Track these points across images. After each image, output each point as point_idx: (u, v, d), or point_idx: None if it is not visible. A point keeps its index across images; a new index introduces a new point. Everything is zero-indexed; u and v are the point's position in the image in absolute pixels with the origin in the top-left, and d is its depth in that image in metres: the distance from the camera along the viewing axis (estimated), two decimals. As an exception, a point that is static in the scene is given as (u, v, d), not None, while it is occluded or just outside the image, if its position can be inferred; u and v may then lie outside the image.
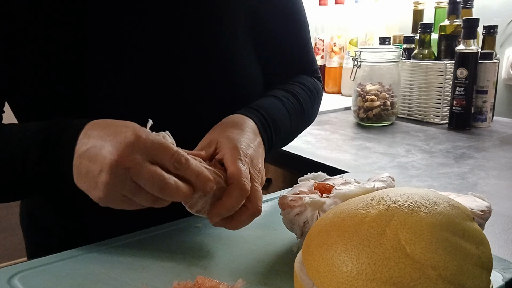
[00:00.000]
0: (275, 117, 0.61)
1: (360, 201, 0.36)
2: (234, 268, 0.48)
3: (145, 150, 0.43)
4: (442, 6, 1.29)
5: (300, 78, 0.73)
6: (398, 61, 1.25)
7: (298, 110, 0.68)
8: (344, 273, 0.31)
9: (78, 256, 0.51)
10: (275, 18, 0.68)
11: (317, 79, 0.77)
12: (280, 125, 0.62)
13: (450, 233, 0.32)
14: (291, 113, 0.66)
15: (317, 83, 0.76)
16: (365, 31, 1.68)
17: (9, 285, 0.45)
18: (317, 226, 0.37)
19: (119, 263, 0.50)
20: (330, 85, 1.75)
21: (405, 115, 1.33)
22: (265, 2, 0.66)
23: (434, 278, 0.30)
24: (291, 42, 0.71)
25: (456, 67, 1.14)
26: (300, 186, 0.52)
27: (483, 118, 1.19)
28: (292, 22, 0.71)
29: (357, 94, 1.26)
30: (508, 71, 1.32)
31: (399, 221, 0.32)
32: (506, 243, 0.57)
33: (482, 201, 0.46)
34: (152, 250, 0.52)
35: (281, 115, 0.63)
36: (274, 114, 0.62)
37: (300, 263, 0.37)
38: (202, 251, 0.52)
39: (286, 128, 0.65)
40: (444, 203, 0.34)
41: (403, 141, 1.07)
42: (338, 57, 1.71)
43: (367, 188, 0.46)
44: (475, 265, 0.32)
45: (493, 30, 1.18)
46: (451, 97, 1.17)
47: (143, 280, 0.46)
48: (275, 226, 0.58)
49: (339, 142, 1.08)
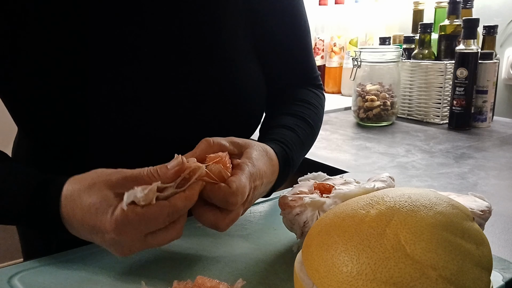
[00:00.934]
0: (294, 158, 0.60)
1: (360, 201, 0.36)
2: (234, 268, 0.48)
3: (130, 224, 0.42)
4: (442, 6, 1.29)
5: (304, 95, 0.71)
6: (398, 61, 1.25)
7: (309, 134, 0.67)
8: (344, 273, 0.31)
9: (78, 256, 0.51)
10: (276, 20, 0.68)
11: (318, 87, 0.76)
12: (295, 164, 0.62)
13: (450, 233, 0.32)
14: (305, 144, 0.65)
15: (320, 97, 0.74)
16: (365, 31, 1.68)
17: (9, 285, 0.45)
18: (317, 226, 0.37)
19: (119, 263, 0.50)
20: (330, 85, 1.75)
21: (405, 115, 1.33)
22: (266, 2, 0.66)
23: (434, 278, 0.30)
24: (293, 45, 0.71)
25: (456, 67, 1.14)
26: (300, 186, 0.52)
27: (483, 118, 1.19)
28: (293, 25, 0.70)
29: (357, 94, 1.26)
30: (508, 71, 1.32)
31: (399, 221, 0.32)
32: (506, 243, 0.57)
33: (482, 201, 0.46)
34: (152, 250, 0.52)
35: (299, 153, 0.63)
36: (294, 154, 0.60)
37: (300, 263, 0.37)
38: (202, 251, 0.52)
39: (299, 160, 0.64)
40: (444, 203, 0.34)
41: (403, 141, 1.07)
42: (338, 57, 1.71)
43: (367, 188, 0.46)
44: (475, 265, 0.32)
45: (493, 30, 1.18)
46: (451, 97, 1.17)
47: (143, 280, 0.46)
48: (275, 226, 0.58)
49: (339, 142, 1.08)
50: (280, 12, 0.68)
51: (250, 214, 0.62)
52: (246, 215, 0.62)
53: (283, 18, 0.68)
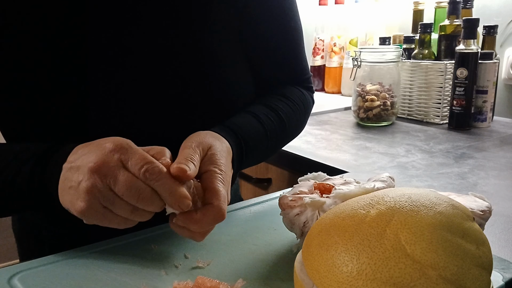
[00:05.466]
0: (249, 139, 0.60)
1: (360, 201, 0.36)
2: (234, 268, 0.48)
3: (124, 158, 0.43)
4: (442, 6, 1.29)
5: (285, 90, 0.71)
6: (398, 61, 1.25)
7: (278, 127, 0.66)
8: (344, 273, 0.31)
9: (78, 256, 0.51)
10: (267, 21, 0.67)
11: (307, 89, 0.75)
12: (253, 147, 0.61)
13: (450, 233, 0.32)
14: (269, 132, 0.64)
15: (304, 95, 0.73)
16: (365, 31, 1.68)
17: (9, 285, 0.45)
18: (317, 226, 0.37)
19: (119, 263, 0.50)
20: (330, 85, 1.75)
21: (405, 115, 1.33)
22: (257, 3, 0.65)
23: (434, 278, 0.30)
24: (284, 46, 0.70)
25: (456, 67, 1.14)
26: (300, 186, 0.52)
27: (483, 118, 1.19)
28: (285, 26, 0.69)
29: (357, 94, 1.26)
30: (508, 71, 1.32)
31: (399, 221, 0.32)
32: (506, 243, 0.57)
33: (482, 201, 0.46)
34: (152, 250, 0.52)
35: (257, 136, 0.62)
36: (249, 136, 0.60)
37: (300, 263, 0.37)
38: (202, 251, 0.52)
39: (261, 149, 0.63)
40: (444, 203, 0.34)
41: (403, 141, 1.07)
42: (338, 57, 1.71)
43: (367, 188, 0.46)
44: (475, 265, 0.32)
45: (493, 30, 1.18)
46: (451, 97, 1.17)
47: (143, 280, 0.46)
48: (275, 226, 0.58)
49: (339, 142, 1.08)
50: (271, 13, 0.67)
51: (250, 214, 0.62)
52: (246, 215, 0.62)
53: (274, 19, 0.68)
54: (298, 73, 0.74)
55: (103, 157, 0.43)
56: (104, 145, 0.44)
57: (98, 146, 0.45)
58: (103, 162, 0.43)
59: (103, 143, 0.45)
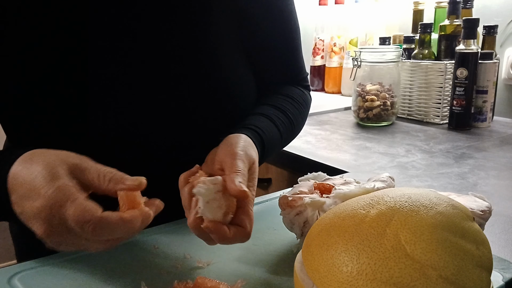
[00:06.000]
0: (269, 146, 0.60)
1: (360, 201, 0.36)
2: (234, 268, 0.48)
3: (64, 217, 0.39)
4: (442, 6, 1.29)
5: (288, 90, 0.71)
6: (398, 61, 1.25)
7: (288, 128, 0.67)
8: (344, 273, 0.31)
9: (78, 256, 0.51)
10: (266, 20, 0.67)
11: (305, 88, 0.76)
12: (270, 153, 0.61)
13: (450, 233, 0.32)
14: (282, 133, 0.65)
15: (305, 94, 0.74)
16: (365, 31, 1.68)
17: (9, 285, 0.45)
18: (317, 226, 0.37)
19: (120, 263, 0.50)
20: (330, 85, 1.75)
21: (405, 115, 1.33)
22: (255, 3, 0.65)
23: (434, 278, 0.30)
24: (282, 45, 0.70)
25: (456, 67, 1.14)
26: (300, 186, 0.52)
27: (483, 118, 1.19)
28: (283, 25, 0.70)
29: (357, 94, 1.26)
30: (508, 71, 1.32)
31: (399, 221, 0.32)
32: (506, 243, 0.57)
33: (482, 201, 0.46)
34: (152, 250, 0.52)
35: (275, 141, 0.62)
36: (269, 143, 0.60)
37: (300, 263, 0.37)
38: (202, 251, 0.52)
39: (274, 152, 0.64)
40: (444, 203, 0.34)
41: (403, 141, 1.07)
42: (338, 57, 1.71)
43: (367, 188, 0.46)
44: (475, 265, 0.32)
45: (493, 30, 1.18)
46: (451, 97, 1.17)
47: (143, 280, 0.46)
48: (275, 226, 0.58)
49: (339, 142, 1.08)
50: (269, 12, 0.68)
51: (250, 214, 0.62)
52: (246, 215, 0.62)
53: (272, 18, 0.68)
54: (297, 72, 0.75)
55: (47, 219, 0.40)
56: (42, 199, 0.40)
57: (38, 196, 0.40)
58: (48, 224, 0.40)
59: (41, 192, 0.40)
